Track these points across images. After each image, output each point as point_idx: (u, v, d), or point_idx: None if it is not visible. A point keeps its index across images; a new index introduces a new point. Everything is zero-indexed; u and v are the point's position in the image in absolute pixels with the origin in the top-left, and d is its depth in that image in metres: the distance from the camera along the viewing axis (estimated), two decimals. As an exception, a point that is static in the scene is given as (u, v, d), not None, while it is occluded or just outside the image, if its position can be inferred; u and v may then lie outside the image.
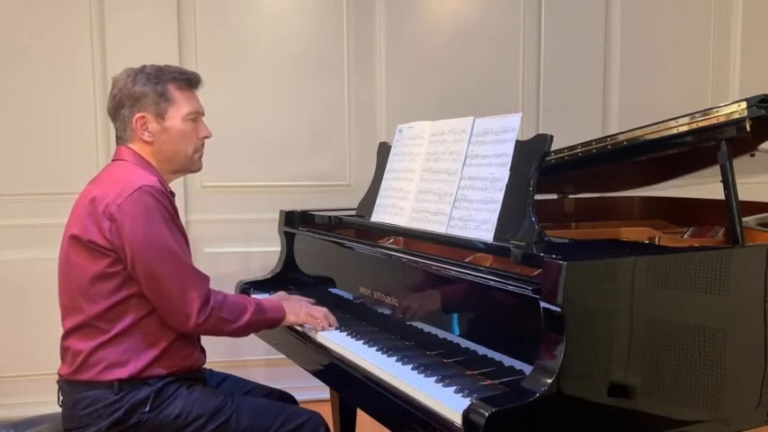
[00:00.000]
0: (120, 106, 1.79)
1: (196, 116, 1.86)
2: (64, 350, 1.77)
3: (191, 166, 1.89)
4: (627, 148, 1.87)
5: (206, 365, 1.91)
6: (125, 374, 1.68)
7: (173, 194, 1.80)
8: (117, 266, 1.68)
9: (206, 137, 1.89)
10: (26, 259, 3.16)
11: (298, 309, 1.94)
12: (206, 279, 1.76)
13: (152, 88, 1.78)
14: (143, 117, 1.78)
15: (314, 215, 2.44)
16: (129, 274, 1.68)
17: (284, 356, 2.19)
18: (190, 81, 1.85)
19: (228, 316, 1.75)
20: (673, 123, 1.73)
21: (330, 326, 1.93)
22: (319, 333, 1.91)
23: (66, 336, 1.76)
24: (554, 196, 2.71)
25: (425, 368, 1.56)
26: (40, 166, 3.19)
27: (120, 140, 1.84)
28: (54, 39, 3.16)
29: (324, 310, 1.97)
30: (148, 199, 1.67)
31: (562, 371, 1.29)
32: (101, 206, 1.68)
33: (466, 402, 1.31)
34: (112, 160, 1.86)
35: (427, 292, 1.76)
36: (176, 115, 1.81)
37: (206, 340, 1.89)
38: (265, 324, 1.88)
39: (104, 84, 3.21)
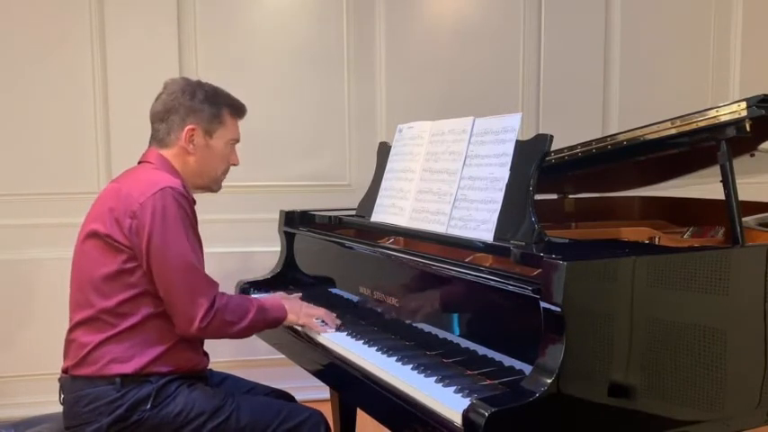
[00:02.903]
0: (173, 112, 1.86)
1: (234, 143, 1.96)
2: (69, 343, 1.78)
3: (213, 185, 1.97)
4: (627, 148, 1.87)
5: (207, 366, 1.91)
6: (129, 369, 1.69)
7: (194, 201, 1.83)
8: (132, 263, 1.71)
9: (234, 164, 1.99)
10: (26, 259, 3.16)
11: (298, 309, 1.94)
12: (215, 285, 1.79)
13: (209, 107, 1.88)
14: (193, 129, 1.86)
15: (314, 215, 2.44)
16: (143, 272, 1.71)
17: (284, 356, 2.19)
18: (240, 111, 1.99)
19: (231, 318, 1.77)
20: (672, 123, 1.73)
21: (330, 327, 1.93)
22: (319, 333, 1.91)
23: (72, 329, 1.77)
24: (554, 196, 2.71)
25: (425, 368, 1.56)
26: (40, 166, 3.19)
27: (158, 143, 1.89)
28: (55, 40, 3.16)
29: (322, 309, 1.97)
30: (170, 200, 1.72)
31: (562, 371, 1.29)
32: (123, 203, 1.72)
33: (466, 402, 1.31)
34: (139, 162, 1.90)
35: (427, 292, 1.76)
36: (222, 137, 1.92)
37: (208, 341, 1.89)
38: (267, 324, 1.89)
39: (104, 85, 3.22)
